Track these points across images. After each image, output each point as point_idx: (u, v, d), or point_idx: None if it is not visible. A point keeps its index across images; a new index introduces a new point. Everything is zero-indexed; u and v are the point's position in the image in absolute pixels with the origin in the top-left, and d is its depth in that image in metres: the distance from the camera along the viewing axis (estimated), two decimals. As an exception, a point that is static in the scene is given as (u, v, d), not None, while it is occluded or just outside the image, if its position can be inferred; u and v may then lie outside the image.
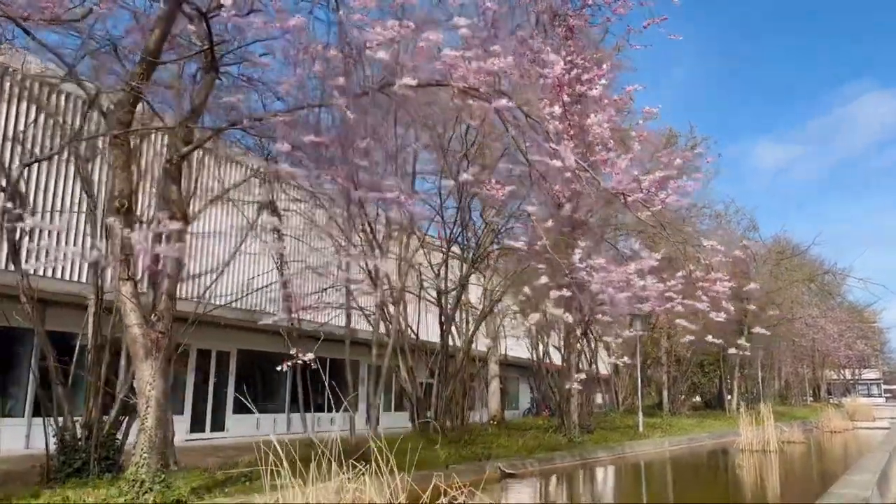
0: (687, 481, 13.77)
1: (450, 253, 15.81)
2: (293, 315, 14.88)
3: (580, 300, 6.70)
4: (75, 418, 9.27)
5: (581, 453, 15.19)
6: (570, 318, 10.73)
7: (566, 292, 7.10)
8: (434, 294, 16.35)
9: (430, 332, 17.59)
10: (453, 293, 15.90)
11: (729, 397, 34.15)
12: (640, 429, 21.56)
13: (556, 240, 7.90)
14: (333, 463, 7.12)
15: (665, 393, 28.93)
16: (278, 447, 6.45)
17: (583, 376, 7.09)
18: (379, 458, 7.15)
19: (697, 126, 58.44)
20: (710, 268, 7.25)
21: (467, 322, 17.42)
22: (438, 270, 16.02)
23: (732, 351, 7.86)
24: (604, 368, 31.43)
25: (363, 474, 7.07)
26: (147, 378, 7.19)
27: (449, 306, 15.93)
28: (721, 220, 29.54)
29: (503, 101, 6.35)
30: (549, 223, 6.43)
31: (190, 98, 8.37)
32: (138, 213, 8.48)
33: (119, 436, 9.33)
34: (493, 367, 21.28)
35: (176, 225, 7.79)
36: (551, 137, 6.65)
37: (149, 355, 7.21)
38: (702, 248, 7.05)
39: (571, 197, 7.44)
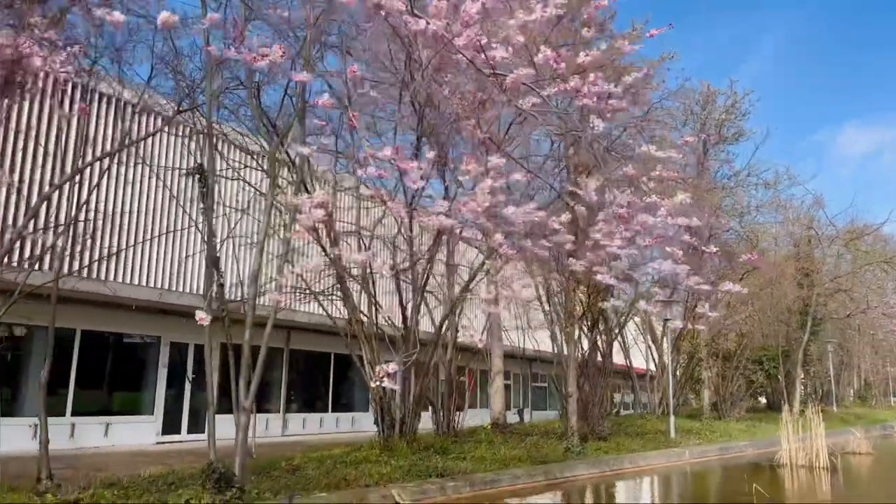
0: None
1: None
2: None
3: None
4: None
5: (551, 470, 12.08)
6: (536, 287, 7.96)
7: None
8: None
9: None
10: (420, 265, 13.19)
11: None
12: (672, 434, 18.32)
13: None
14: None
15: (706, 393, 25.23)
16: None
17: (391, 367, 4.36)
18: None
19: (739, 81, 52.99)
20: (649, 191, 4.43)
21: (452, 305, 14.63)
22: (397, 235, 13.27)
23: (698, 326, 4.95)
24: (641, 363, 28.19)
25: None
26: None
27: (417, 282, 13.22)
28: (775, 191, 25.58)
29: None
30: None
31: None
32: None
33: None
34: (497, 362, 18.41)
35: None
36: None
37: None
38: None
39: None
